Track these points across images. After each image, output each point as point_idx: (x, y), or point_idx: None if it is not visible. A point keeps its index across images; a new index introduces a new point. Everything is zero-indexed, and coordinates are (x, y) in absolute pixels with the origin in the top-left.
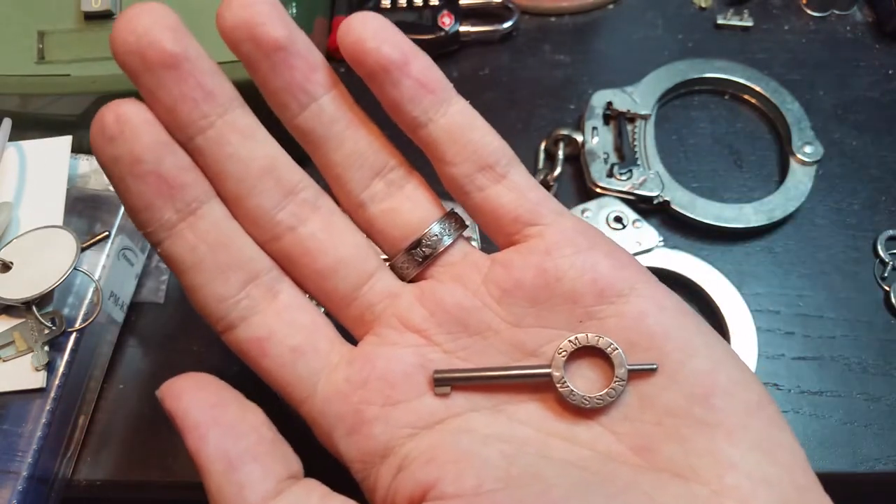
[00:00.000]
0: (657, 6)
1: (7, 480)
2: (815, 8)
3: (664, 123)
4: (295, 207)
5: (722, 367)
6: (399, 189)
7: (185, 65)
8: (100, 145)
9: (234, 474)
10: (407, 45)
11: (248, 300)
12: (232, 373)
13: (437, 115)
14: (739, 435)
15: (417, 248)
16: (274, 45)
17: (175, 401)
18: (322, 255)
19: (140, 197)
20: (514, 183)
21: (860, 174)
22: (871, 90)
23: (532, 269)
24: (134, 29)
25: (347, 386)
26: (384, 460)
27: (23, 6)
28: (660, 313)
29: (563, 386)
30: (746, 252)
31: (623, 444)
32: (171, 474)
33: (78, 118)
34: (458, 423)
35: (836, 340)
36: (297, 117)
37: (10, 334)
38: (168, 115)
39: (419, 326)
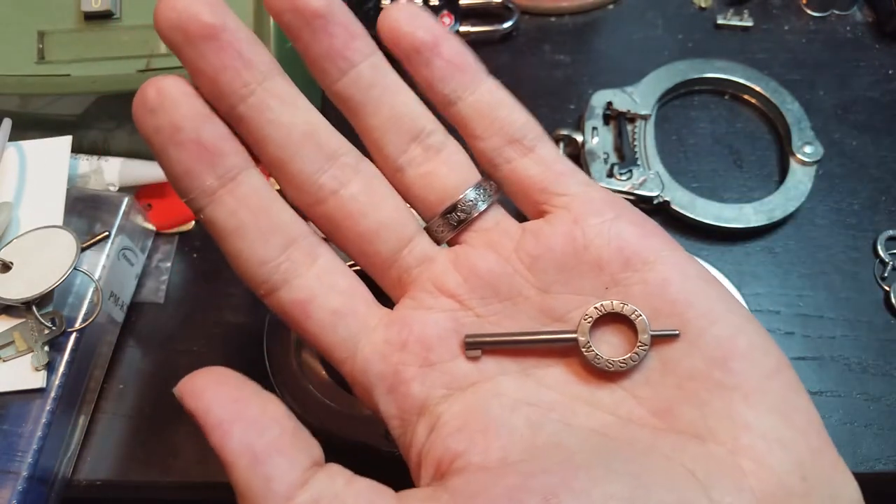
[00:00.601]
0: (657, 6)
1: (7, 480)
2: (815, 8)
3: (664, 123)
4: (337, 171)
5: (742, 332)
6: (436, 154)
7: (224, 35)
8: (141, 117)
9: (261, 468)
10: (439, 30)
11: (288, 263)
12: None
13: (467, 93)
14: (757, 398)
15: (453, 212)
16: (313, 13)
17: (195, 399)
18: (364, 218)
19: (181, 164)
20: (540, 156)
21: (860, 174)
22: (871, 90)
23: (560, 238)
24: (174, 5)
25: (387, 347)
26: (420, 418)
27: (23, 6)
28: (683, 281)
29: (588, 350)
30: (746, 252)
31: (644, 408)
32: (171, 474)
33: (78, 118)
34: (488, 386)
35: (836, 340)
36: (336, 83)
37: (10, 334)
38: (210, 86)
39: (453, 291)
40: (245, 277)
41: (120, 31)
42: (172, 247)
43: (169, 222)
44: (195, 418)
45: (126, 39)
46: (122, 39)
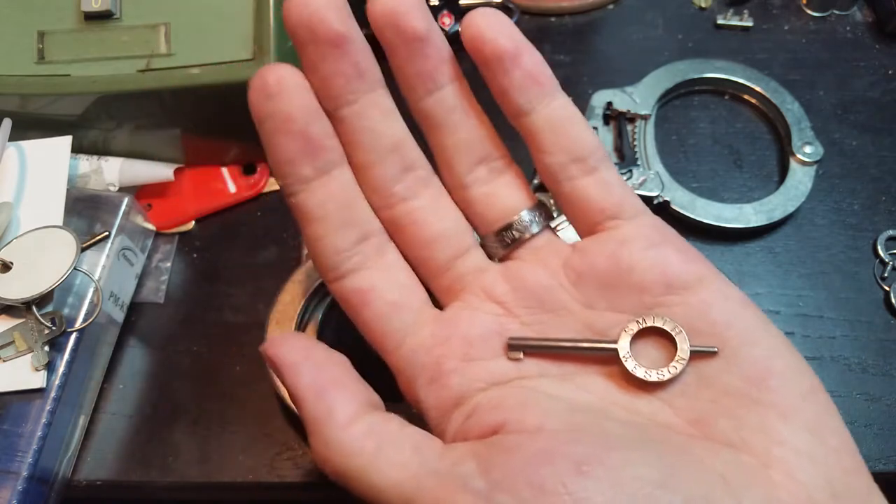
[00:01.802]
0: (657, 6)
1: (7, 480)
2: (815, 8)
3: (664, 123)
4: (410, 182)
5: (779, 354)
6: (499, 176)
7: (347, 45)
8: (257, 101)
9: (324, 399)
10: (521, 40)
11: (359, 255)
12: (233, 372)
13: (541, 106)
14: (791, 416)
15: (508, 230)
16: (414, 36)
17: (273, 348)
18: (427, 226)
19: (286, 151)
20: (602, 177)
21: (860, 174)
22: (871, 90)
23: (606, 258)
24: (308, 4)
25: (432, 340)
26: (457, 408)
27: (23, 6)
28: (723, 303)
29: (627, 360)
30: (746, 252)
31: (680, 418)
32: (171, 474)
33: (78, 118)
34: (527, 383)
35: (836, 340)
36: (421, 101)
37: (10, 334)
38: (322, 85)
39: (501, 298)
40: (318, 262)
41: (120, 31)
42: (172, 247)
43: (169, 222)
44: (273, 363)
45: (126, 39)
46: (122, 39)
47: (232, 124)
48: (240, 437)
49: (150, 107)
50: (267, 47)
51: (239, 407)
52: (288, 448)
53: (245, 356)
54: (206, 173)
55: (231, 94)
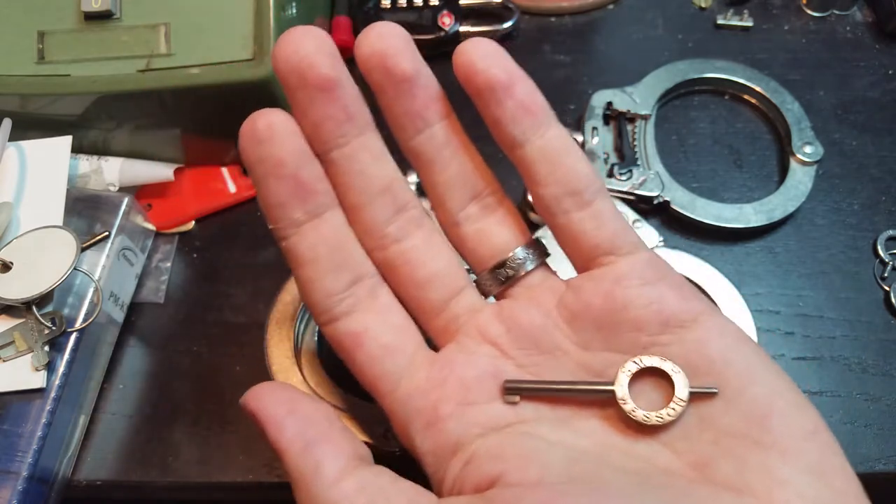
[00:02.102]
0: (657, 6)
1: (7, 480)
2: (815, 8)
3: (664, 123)
4: (403, 223)
5: (780, 393)
6: (492, 213)
7: (337, 89)
8: (248, 146)
9: (311, 454)
10: (514, 70)
11: (352, 298)
12: (233, 372)
13: (535, 137)
14: (793, 456)
15: (502, 268)
16: (402, 77)
17: (255, 401)
18: (420, 267)
19: (277, 195)
20: (597, 211)
21: (860, 174)
22: (871, 90)
23: (601, 296)
24: (297, 49)
25: (427, 384)
26: (454, 455)
27: (23, 6)
28: (720, 340)
29: (625, 403)
30: (746, 252)
31: (681, 461)
32: (171, 474)
33: (78, 118)
34: (524, 428)
35: (836, 340)
36: (411, 140)
37: (10, 334)
38: (312, 129)
39: (496, 340)
40: (310, 304)
41: (120, 31)
42: (172, 247)
43: (169, 222)
44: (255, 417)
45: (126, 39)
46: (122, 39)
47: (232, 124)
48: (240, 437)
49: (150, 107)
50: (267, 47)
51: (239, 407)
52: None
53: (245, 356)
54: (206, 173)
55: (231, 94)
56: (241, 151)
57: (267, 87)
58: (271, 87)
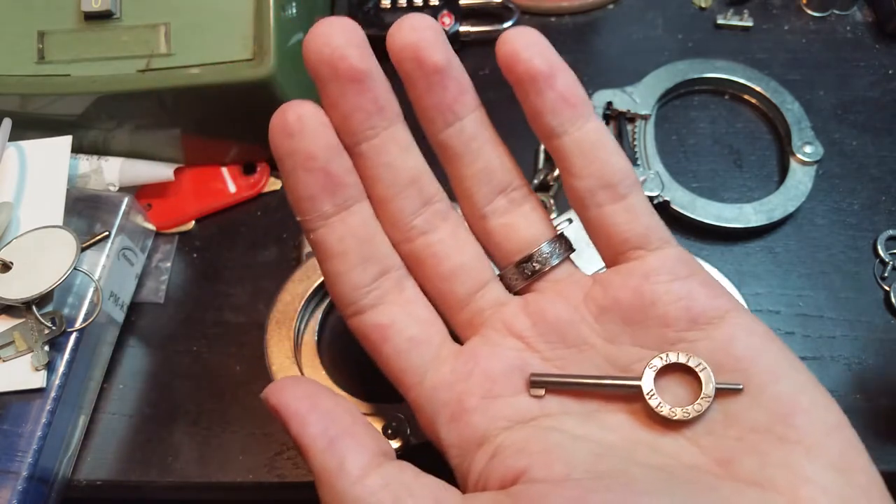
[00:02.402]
0: (657, 6)
1: (7, 480)
2: (815, 8)
3: (664, 123)
4: (429, 216)
5: (804, 390)
6: (518, 207)
7: (368, 81)
8: (278, 139)
9: (335, 450)
10: (556, 61)
11: (378, 291)
12: (233, 372)
13: (573, 129)
14: (817, 453)
15: (528, 262)
16: (433, 68)
17: (277, 396)
18: (446, 260)
19: (307, 188)
20: (630, 205)
21: (860, 174)
22: (871, 90)
23: (629, 291)
24: (328, 42)
25: (452, 377)
26: (479, 448)
27: (23, 6)
28: (748, 338)
29: (651, 398)
30: (746, 252)
31: (706, 456)
32: (171, 474)
33: (78, 118)
34: (550, 422)
35: (836, 340)
36: (440, 133)
37: (10, 334)
38: (342, 121)
39: (521, 333)
40: (336, 296)
41: (120, 31)
42: (172, 247)
43: (169, 222)
44: (277, 412)
45: (126, 39)
46: (122, 39)
47: (232, 124)
48: (240, 437)
49: (150, 107)
50: (267, 47)
51: (239, 407)
52: (288, 448)
53: (245, 356)
54: (206, 173)
55: (231, 94)
56: (271, 143)
57: (267, 87)
58: (271, 87)
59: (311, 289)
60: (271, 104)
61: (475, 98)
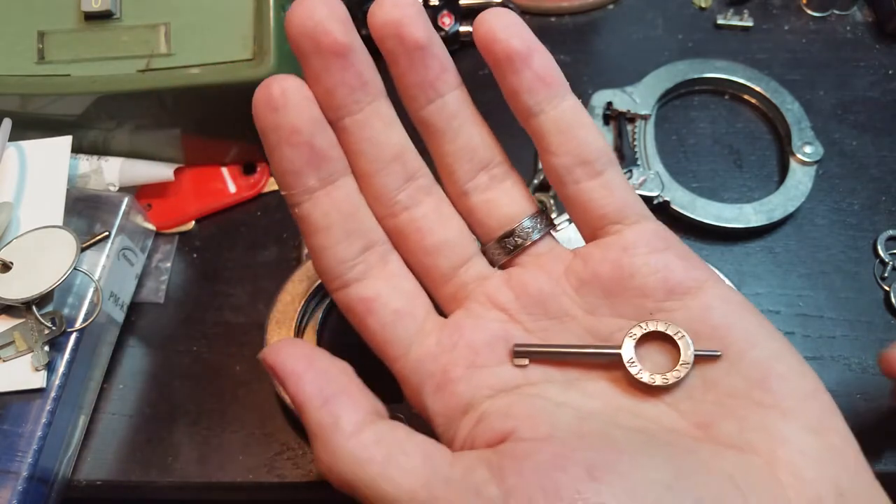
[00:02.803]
0: (657, 6)
1: (7, 480)
2: (815, 8)
3: (664, 123)
4: (412, 191)
5: (780, 357)
6: (500, 183)
7: (351, 56)
8: (262, 113)
9: (330, 407)
10: (533, 41)
11: (363, 265)
12: (233, 372)
13: (549, 108)
14: (794, 416)
15: (510, 237)
16: (415, 45)
17: (274, 356)
18: (430, 234)
19: (291, 162)
20: (607, 181)
21: (860, 174)
22: (871, 90)
23: (609, 264)
24: (311, 15)
25: (437, 348)
26: (464, 415)
27: (23, 6)
28: (724, 307)
29: (632, 365)
30: (746, 252)
31: (685, 421)
32: (171, 474)
33: (78, 118)
34: (533, 390)
35: (836, 340)
36: (422, 109)
37: (10, 334)
38: (326, 95)
39: (505, 306)
40: (322, 271)
41: (120, 31)
42: (172, 247)
43: (169, 222)
44: (274, 372)
45: (126, 39)
46: (122, 39)
47: (232, 124)
48: (240, 437)
49: (150, 107)
50: (267, 47)
51: (239, 407)
52: (288, 448)
53: (245, 356)
54: (206, 173)
55: (231, 94)
56: (255, 118)
57: None
58: None
59: (311, 289)
60: None
61: (456, 76)
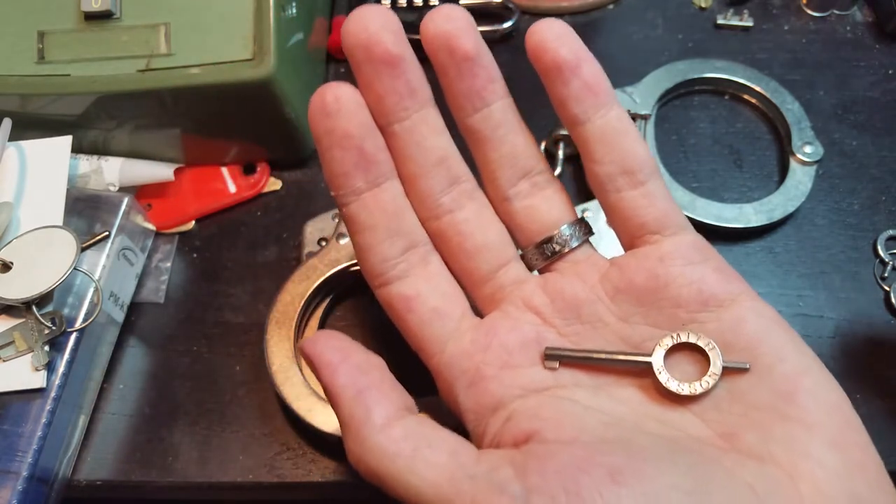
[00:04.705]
0: (657, 6)
1: (7, 480)
2: (815, 8)
3: (664, 123)
4: (456, 195)
5: (808, 372)
6: (541, 190)
7: (402, 65)
8: (317, 118)
9: (363, 400)
10: (582, 51)
11: (405, 264)
12: (233, 372)
13: (596, 117)
14: (817, 430)
15: (548, 244)
16: (464, 56)
17: (312, 346)
18: (471, 238)
19: (342, 165)
20: (649, 192)
21: (860, 174)
22: (871, 90)
23: (644, 273)
24: (366, 27)
25: (472, 347)
26: (495, 413)
27: (23, 6)
28: (756, 321)
29: (661, 374)
30: (746, 252)
31: (711, 430)
32: (171, 474)
33: (78, 118)
34: (562, 392)
35: (836, 340)
36: (469, 118)
37: (10, 334)
38: (376, 102)
39: (539, 309)
40: (366, 268)
41: (120, 31)
42: (172, 247)
43: (169, 222)
44: (311, 361)
45: (126, 39)
46: (122, 39)
47: (232, 124)
48: (240, 437)
49: (150, 107)
50: (267, 47)
51: (239, 407)
52: (288, 448)
53: (245, 356)
54: (206, 173)
55: (231, 94)
56: (310, 122)
57: (267, 87)
58: (271, 87)
59: (311, 289)
60: (271, 104)
61: (504, 87)
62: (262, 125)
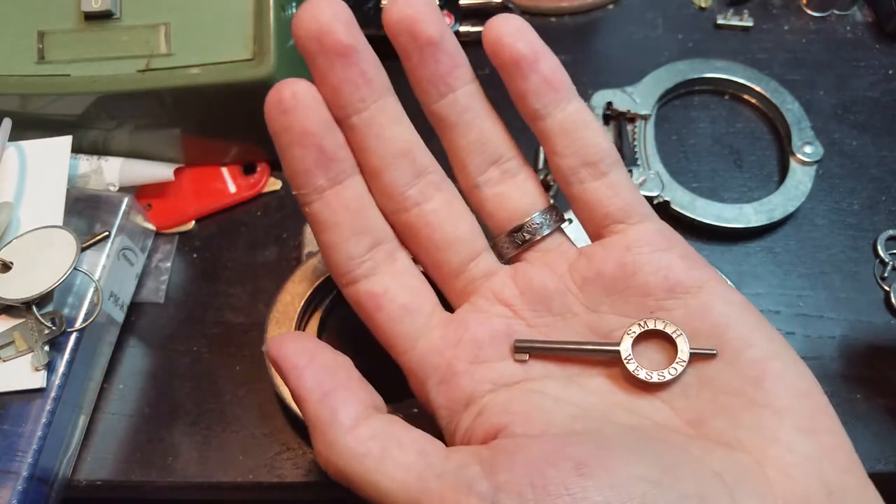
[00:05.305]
0: (657, 6)
1: (7, 480)
2: (815, 8)
3: (664, 123)
4: (423, 186)
5: (777, 357)
6: (511, 178)
7: (354, 55)
8: (274, 115)
9: (329, 401)
10: (540, 46)
11: (371, 261)
12: (233, 372)
13: (556, 111)
14: (787, 415)
15: (519, 232)
16: (427, 41)
17: (277, 349)
18: (440, 230)
19: (301, 163)
20: (612, 182)
21: (860, 174)
22: (871, 90)
23: (612, 262)
24: (317, 17)
25: (442, 343)
26: (466, 408)
27: (23, 6)
28: (723, 306)
29: (629, 362)
30: (746, 252)
31: (679, 418)
32: (171, 474)
33: (78, 118)
34: (533, 385)
35: (836, 340)
36: (434, 104)
37: (10, 334)
38: (332, 95)
39: (509, 301)
40: (331, 267)
41: (120, 31)
42: (172, 247)
43: (169, 222)
44: (276, 364)
45: (126, 39)
46: (122, 39)
47: (232, 124)
48: (240, 437)
49: (150, 107)
50: (267, 47)
51: (239, 407)
52: (288, 448)
53: (245, 356)
54: (206, 173)
55: (231, 94)
56: (266, 120)
57: (267, 87)
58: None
59: (312, 289)
60: None
61: (469, 72)
62: (262, 125)
